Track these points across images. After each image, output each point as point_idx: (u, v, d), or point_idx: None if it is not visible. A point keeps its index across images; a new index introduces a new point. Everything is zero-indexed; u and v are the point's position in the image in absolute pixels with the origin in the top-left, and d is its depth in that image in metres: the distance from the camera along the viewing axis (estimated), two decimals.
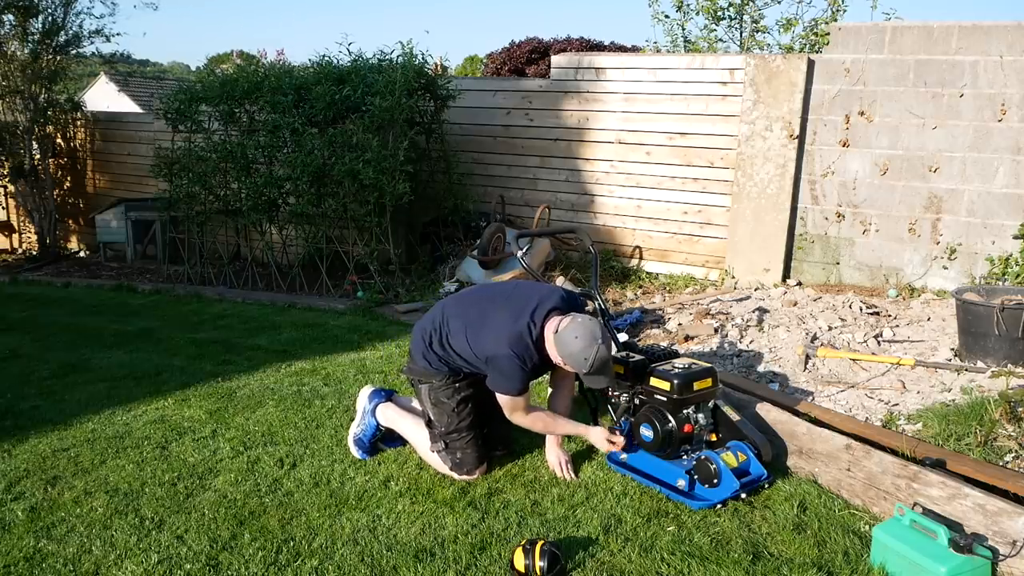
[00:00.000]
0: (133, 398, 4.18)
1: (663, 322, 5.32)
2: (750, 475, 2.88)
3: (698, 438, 3.02)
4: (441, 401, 3.12)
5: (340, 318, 6.05)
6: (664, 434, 2.96)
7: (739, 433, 2.99)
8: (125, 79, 22.94)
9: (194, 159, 7.36)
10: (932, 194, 5.73)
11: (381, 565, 2.51)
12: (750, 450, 2.93)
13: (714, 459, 2.81)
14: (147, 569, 2.51)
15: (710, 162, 6.50)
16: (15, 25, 9.45)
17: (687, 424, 2.96)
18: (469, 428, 3.10)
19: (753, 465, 2.91)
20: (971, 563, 2.25)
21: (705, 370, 3.05)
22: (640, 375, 3.10)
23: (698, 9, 8.99)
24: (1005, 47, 5.33)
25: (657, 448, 2.99)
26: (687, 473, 2.87)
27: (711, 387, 3.03)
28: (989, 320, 3.88)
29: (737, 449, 2.93)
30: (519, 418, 3.03)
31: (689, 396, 2.96)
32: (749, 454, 2.92)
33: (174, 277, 7.98)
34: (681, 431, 2.95)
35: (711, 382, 3.03)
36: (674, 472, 2.92)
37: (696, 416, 3.00)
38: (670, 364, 3.09)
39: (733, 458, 2.87)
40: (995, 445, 2.94)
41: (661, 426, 2.96)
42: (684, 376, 2.96)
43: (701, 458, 2.86)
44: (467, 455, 3.08)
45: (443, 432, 3.10)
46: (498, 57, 14.12)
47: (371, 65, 6.97)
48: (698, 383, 2.98)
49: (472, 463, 3.08)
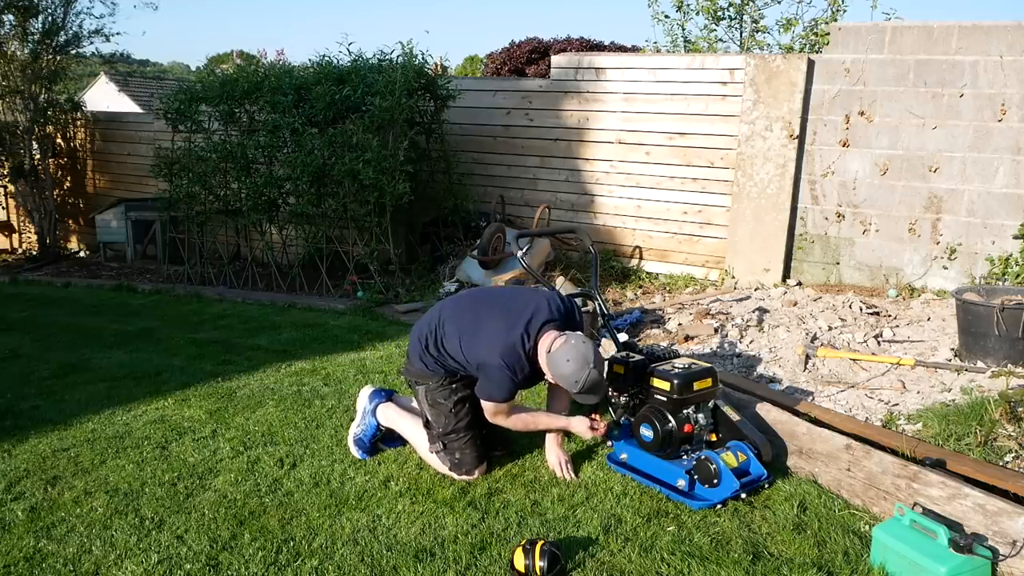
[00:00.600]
0: (133, 398, 4.18)
1: (663, 322, 5.32)
2: (750, 475, 2.88)
3: (698, 438, 3.02)
4: (438, 402, 3.13)
5: (340, 318, 6.05)
6: (664, 434, 2.96)
7: (739, 433, 2.99)
8: (125, 79, 22.96)
9: (194, 159, 7.36)
10: (932, 194, 5.73)
11: (381, 565, 2.51)
12: (750, 450, 2.93)
13: (714, 459, 2.81)
14: (147, 569, 2.51)
15: (710, 162, 6.50)
16: (15, 25, 9.45)
17: (687, 424, 2.96)
18: (467, 428, 3.11)
19: (753, 465, 2.91)
20: (971, 563, 2.25)
21: (705, 370, 3.05)
22: (640, 375, 3.10)
23: (698, 9, 9.00)
24: (1005, 47, 5.33)
25: (657, 448, 2.99)
26: (687, 473, 2.87)
27: (711, 387, 3.03)
28: (989, 320, 3.88)
29: (737, 449, 2.93)
30: (500, 420, 3.06)
31: (689, 396, 2.96)
32: (749, 454, 2.92)
33: (174, 277, 7.98)
34: (681, 431, 2.95)
35: (711, 382, 3.03)
36: (674, 472, 2.92)
37: (696, 416, 3.00)
38: (670, 364, 3.10)
39: (733, 458, 2.87)
40: (995, 445, 2.94)
41: (661, 426, 2.96)
42: (684, 376, 2.96)
43: (701, 458, 2.85)
44: (466, 455, 3.09)
45: (441, 433, 3.11)
46: (498, 57, 14.12)
47: (371, 65, 6.97)
48: (698, 383, 2.98)
49: (471, 463, 3.09)
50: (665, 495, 2.91)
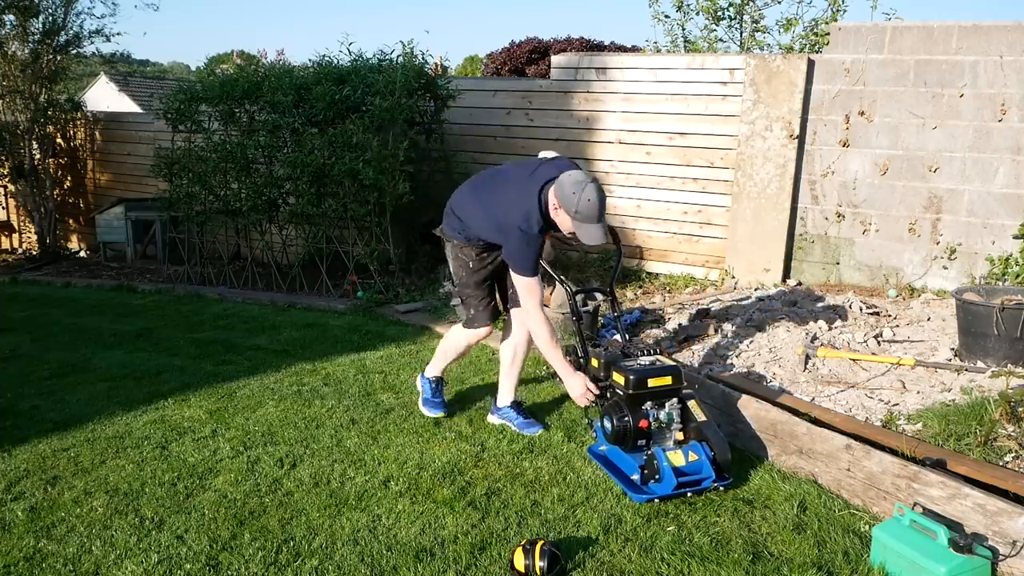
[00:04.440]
0: (133, 398, 4.18)
1: (663, 322, 5.32)
2: (698, 476, 2.90)
3: (660, 435, 3.07)
4: (459, 257, 3.50)
5: (340, 318, 6.05)
6: (619, 427, 3.02)
7: (701, 434, 3.02)
8: (125, 79, 22.95)
9: (194, 159, 7.36)
10: (932, 194, 5.73)
11: (381, 565, 2.51)
12: (705, 452, 2.94)
13: (659, 457, 2.88)
14: (147, 569, 2.51)
15: (710, 162, 6.50)
16: (15, 25, 9.46)
17: (644, 420, 3.01)
18: (482, 286, 3.51)
19: (704, 468, 2.91)
20: (971, 563, 2.25)
21: (665, 368, 3.09)
22: (609, 369, 3.19)
23: (698, 9, 8.98)
24: (1005, 47, 5.33)
25: (614, 441, 3.07)
26: (640, 468, 2.96)
27: (670, 385, 3.06)
28: (989, 320, 3.88)
29: (691, 450, 2.95)
30: (533, 311, 3.21)
31: (644, 392, 3.02)
32: (702, 455, 2.93)
33: (174, 277, 7.99)
34: (637, 426, 3.00)
35: (671, 380, 3.06)
36: (632, 466, 3.01)
37: (657, 413, 3.05)
38: (634, 360, 3.16)
39: (682, 457, 2.91)
40: (995, 445, 2.95)
41: (617, 420, 3.02)
42: (640, 372, 3.02)
43: (650, 454, 2.93)
44: (479, 313, 3.53)
45: (461, 285, 3.52)
46: (498, 57, 14.13)
47: (371, 65, 6.98)
48: (654, 380, 3.02)
49: (484, 320, 3.53)
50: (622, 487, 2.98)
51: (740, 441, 3.35)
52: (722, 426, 3.45)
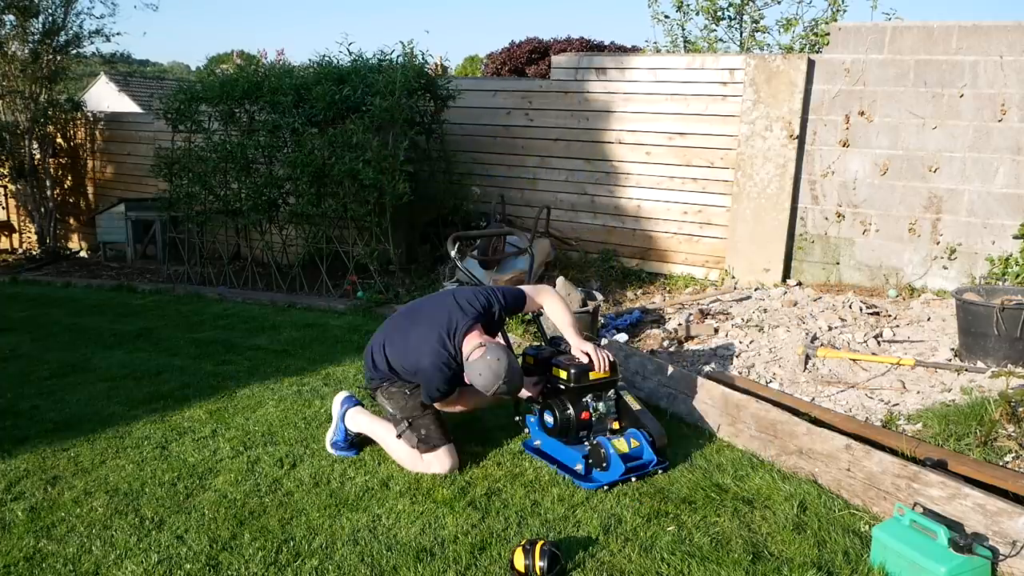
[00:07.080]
0: (133, 398, 4.18)
1: (663, 322, 5.32)
2: (641, 460, 3.08)
3: (599, 425, 3.22)
4: (393, 393, 3.33)
5: (340, 318, 6.05)
6: (563, 420, 3.17)
7: (638, 421, 3.20)
8: (125, 79, 22.92)
9: (194, 159, 7.36)
10: (932, 194, 5.73)
11: (381, 565, 2.51)
12: (644, 438, 3.11)
13: (604, 445, 3.03)
14: (147, 569, 2.51)
15: (710, 162, 6.50)
16: (15, 25, 9.46)
17: (585, 411, 3.17)
18: (427, 408, 3.28)
19: (645, 452, 3.09)
20: (971, 563, 2.25)
21: None
22: (546, 366, 3.30)
23: (698, 9, 8.98)
24: (1005, 47, 5.33)
25: (558, 433, 3.20)
26: (584, 458, 3.08)
27: (608, 378, 3.22)
28: (989, 320, 3.88)
29: (631, 436, 3.14)
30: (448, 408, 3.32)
31: (585, 385, 3.17)
32: (643, 441, 3.10)
33: (174, 277, 7.98)
34: (579, 418, 3.16)
35: (609, 373, 3.21)
36: (574, 456, 3.11)
37: (596, 404, 3.20)
38: (572, 356, 3.27)
39: (625, 444, 3.09)
40: (995, 445, 2.95)
41: (560, 413, 3.17)
42: (580, 367, 3.16)
43: (594, 443, 3.07)
44: (431, 431, 3.20)
45: (404, 415, 3.26)
46: (498, 57, 14.14)
47: (371, 65, 6.97)
48: (594, 373, 3.18)
49: (438, 438, 3.19)
50: (565, 477, 3.08)
51: (740, 440, 3.35)
52: (722, 426, 3.47)
